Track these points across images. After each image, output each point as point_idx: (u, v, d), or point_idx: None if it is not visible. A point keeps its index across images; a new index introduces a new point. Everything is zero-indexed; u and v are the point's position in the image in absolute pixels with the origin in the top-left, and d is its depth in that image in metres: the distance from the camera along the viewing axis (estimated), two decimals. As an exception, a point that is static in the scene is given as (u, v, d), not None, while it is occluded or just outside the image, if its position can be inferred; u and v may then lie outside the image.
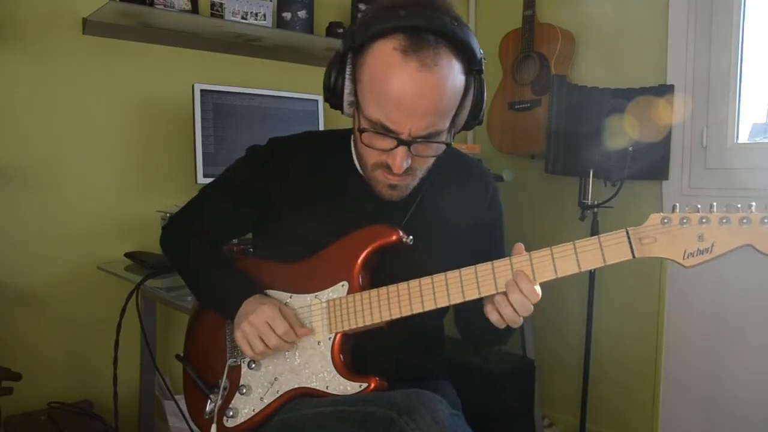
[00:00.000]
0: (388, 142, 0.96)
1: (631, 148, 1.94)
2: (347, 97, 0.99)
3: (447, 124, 0.98)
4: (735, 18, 1.98)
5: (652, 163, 2.03)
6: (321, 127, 2.15)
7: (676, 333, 2.12)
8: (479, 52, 0.97)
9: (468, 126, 1.04)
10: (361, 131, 0.97)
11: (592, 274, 2.14)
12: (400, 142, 0.95)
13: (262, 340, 1.01)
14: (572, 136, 2.04)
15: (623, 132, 1.94)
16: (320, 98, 2.17)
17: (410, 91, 0.91)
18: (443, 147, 1.00)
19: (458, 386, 1.20)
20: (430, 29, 0.91)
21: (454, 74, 0.95)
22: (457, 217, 1.12)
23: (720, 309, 2.01)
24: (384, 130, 0.95)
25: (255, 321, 1.01)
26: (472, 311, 0.96)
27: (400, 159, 0.96)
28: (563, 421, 2.44)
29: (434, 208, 1.11)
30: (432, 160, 1.03)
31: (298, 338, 1.03)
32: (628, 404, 2.27)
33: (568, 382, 2.40)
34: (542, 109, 2.27)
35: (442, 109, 0.95)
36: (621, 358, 2.28)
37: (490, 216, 1.17)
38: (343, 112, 1.04)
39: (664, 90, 2.03)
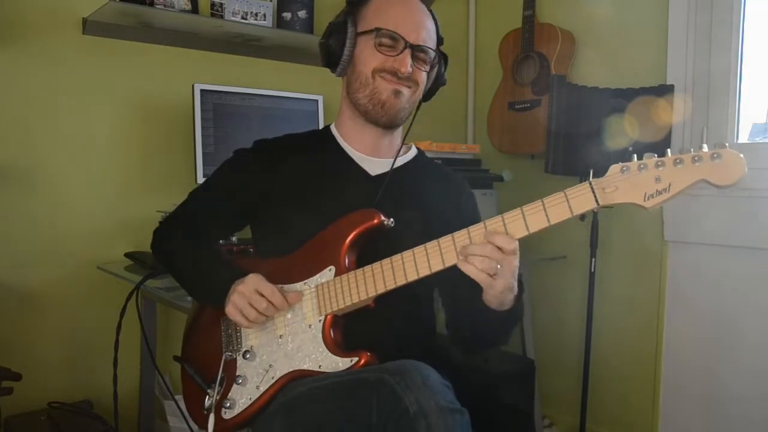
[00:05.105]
0: (394, 50, 1.13)
1: (631, 148, 1.94)
2: (348, 43, 1.15)
3: (433, 57, 1.19)
4: (735, 18, 1.97)
5: (652, 163, 2.03)
6: (321, 127, 2.15)
7: (676, 333, 2.12)
8: (442, 37, 1.21)
9: (427, 96, 1.23)
10: (377, 30, 1.13)
11: (592, 273, 2.14)
12: (407, 44, 1.13)
13: (253, 307, 1.04)
14: (572, 136, 2.04)
15: (623, 132, 1.94)
16: (320, 98, 2.17)
17: (410, 6, 1.16)
18: (431, 72, 1.21)
19: (458, 386, 1.20)
20: None
21: (434, 27, 1.19)
22: (437, 204, 1.22)
23: (720, 309, 2.00)
24: (393, 35, 1.13)
25: (243, 289, 1.06)
26: (464, 303, 1.02)
27: (406, 57, 1.12)
28: (563, 421, 2.44)
29: (415, 195, 1.22)
30: (420, 92, 1.20)
31: (288, 303, 1.07)
32: (628, 404, 2.27)
33: (568, 382, 2.39)
34: (542, 109, 2.27)
35: (431, 33, 1.18)
36: (621, 358, 2.28)
37: (466, 206, 1.28)
38: (336, 68, 1.19)
39: (664, 90, 2.03)
